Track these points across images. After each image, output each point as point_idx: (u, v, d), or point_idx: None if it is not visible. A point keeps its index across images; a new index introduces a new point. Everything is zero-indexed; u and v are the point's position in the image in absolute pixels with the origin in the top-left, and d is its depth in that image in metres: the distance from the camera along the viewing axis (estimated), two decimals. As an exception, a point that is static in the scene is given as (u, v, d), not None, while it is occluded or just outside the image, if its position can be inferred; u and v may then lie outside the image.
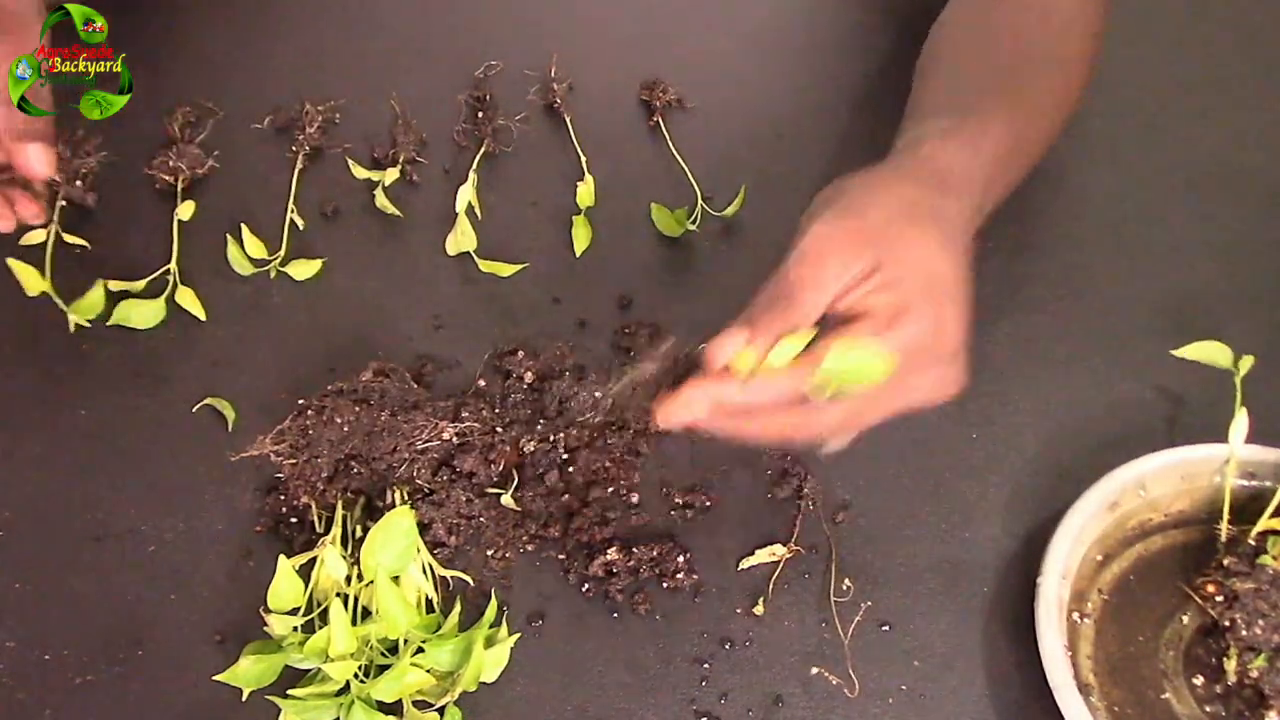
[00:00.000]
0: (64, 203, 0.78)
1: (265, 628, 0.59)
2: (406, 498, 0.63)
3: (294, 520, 0.66)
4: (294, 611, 0.60)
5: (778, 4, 0.96)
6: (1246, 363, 0.62)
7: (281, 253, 0.77)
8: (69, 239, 0.76)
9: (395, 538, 0.59)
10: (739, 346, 0.54)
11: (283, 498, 0.66)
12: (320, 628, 0.58)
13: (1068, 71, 0.72)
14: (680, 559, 0.64)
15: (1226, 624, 0.59)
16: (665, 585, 0.63)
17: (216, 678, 0.58)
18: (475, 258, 0.77)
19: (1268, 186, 0.83)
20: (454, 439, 0.65)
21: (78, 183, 0.79)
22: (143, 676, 0.61)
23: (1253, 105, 0.88)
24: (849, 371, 0.52)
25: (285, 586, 0.59)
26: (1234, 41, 0.93)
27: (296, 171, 0.81)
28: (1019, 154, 0.66)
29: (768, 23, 0.94)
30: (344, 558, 0.61)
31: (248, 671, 0.58)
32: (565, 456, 0.66)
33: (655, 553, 0.64)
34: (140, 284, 0.75)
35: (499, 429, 0.67)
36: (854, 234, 0.55)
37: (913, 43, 0.91)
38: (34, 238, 0.75)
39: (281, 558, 0.59)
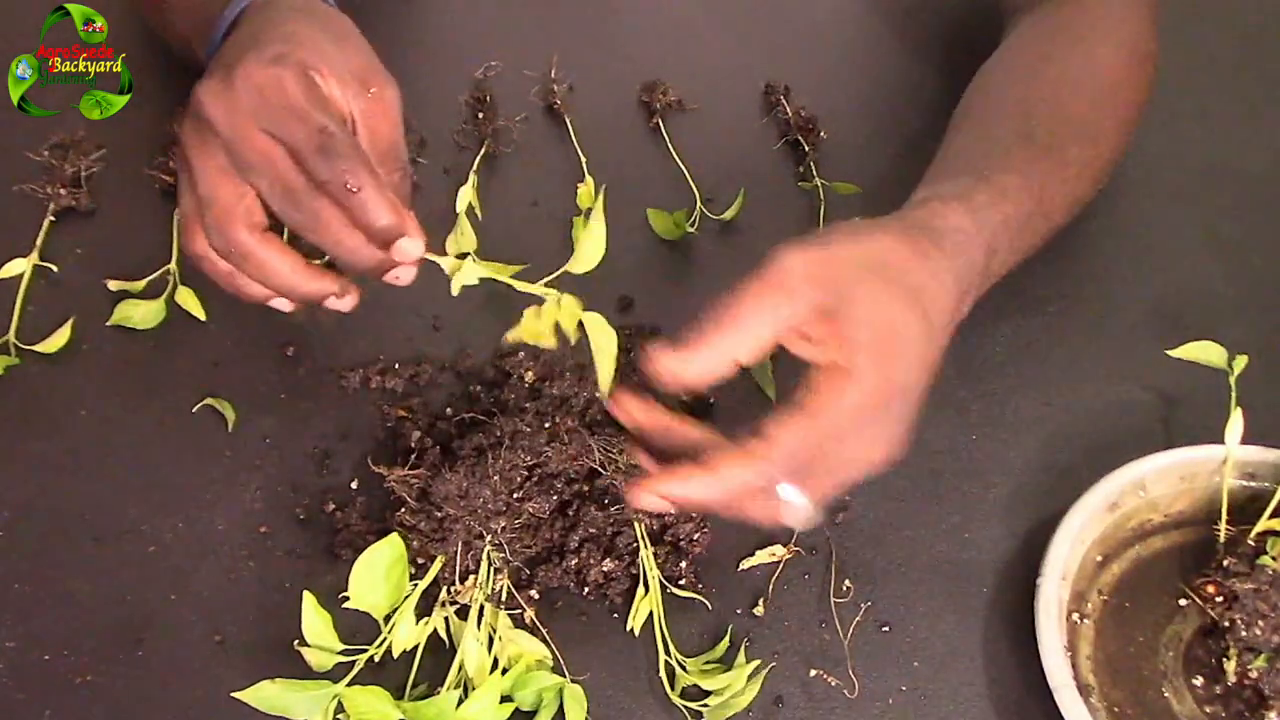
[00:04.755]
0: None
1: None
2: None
3: (302, 518, 0.66)
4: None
5: (778, 6, 0.96)
6: (1240, 362, 0.62)
7: (282, 253, 0.77)
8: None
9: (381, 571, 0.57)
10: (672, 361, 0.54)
11: (293, 494, 0.66)
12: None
13: (1099, 143, 0.70)
14: (681, 562, 0.64)
15: (1226, 625, 0.59)
16: (665, 586, 0.63)
17: (237, 694, 0.55)
18: (475, 258, 0.77)
19: (1266, 187, 0.83)
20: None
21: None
22: (143, 676, 0.61)
23: (1252, 106, 0.88)
24: None
25: (316, 622, 0.57)
26: (1234, 42, 0.93)
27: (296, 172, 0.81)
28: (1034, 219, 0.65)
29: (768, 24, 0.94)
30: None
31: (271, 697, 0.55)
32: (567, 462, 0.66)
33: (655, 554, 0.63)
34: (140, 284, 0.75)
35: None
36: (815, 269, 0.53)
37: (914, 47, 0.92)
38: (13, 269, 0.76)
39: (307, 594, 0.57)
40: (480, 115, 0.85)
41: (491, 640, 0.60)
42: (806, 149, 0.83)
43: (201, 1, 0.68)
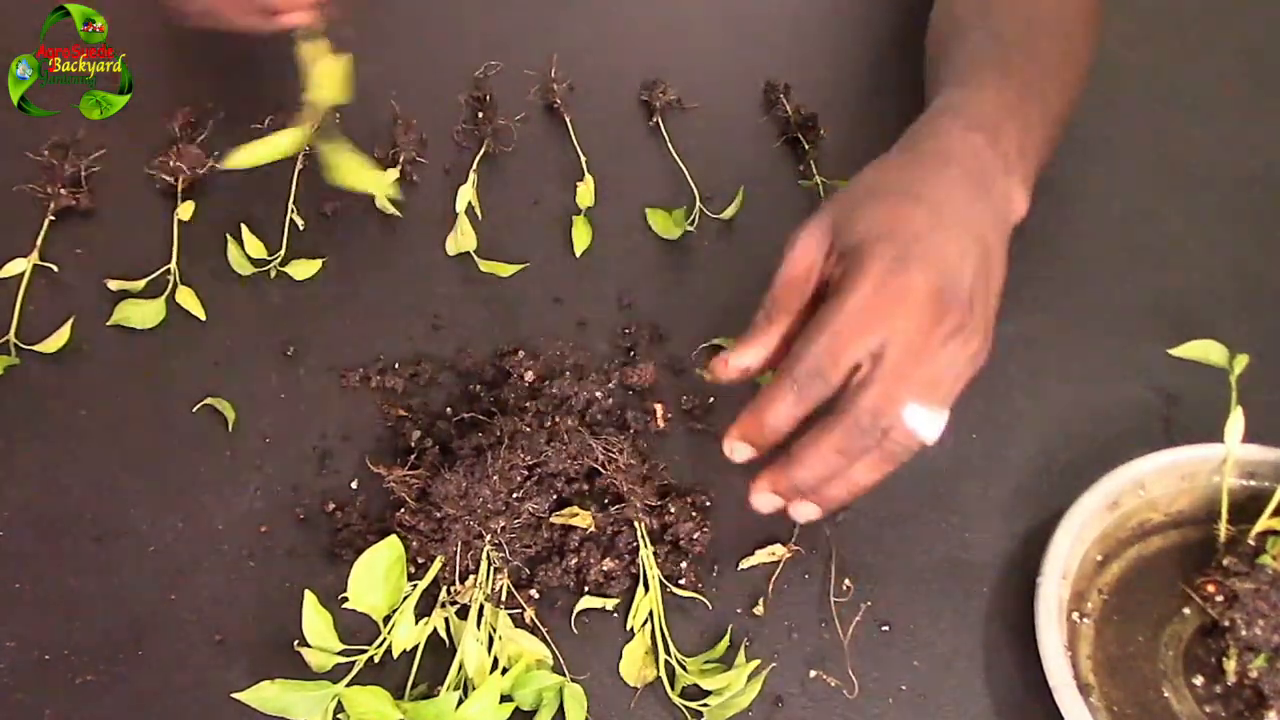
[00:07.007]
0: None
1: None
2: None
3: (302, 518, 0.66)
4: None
5: (778, 6, 0.96)
6: (1241, 361, 0.62)
7: (281, 253, 0.77)
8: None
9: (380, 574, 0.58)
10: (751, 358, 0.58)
11: (293, 494, 0.66)
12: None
13: (1071, 39, 0.72)
14: (681, 562, 0.64)
15: (1226, 624, 0.59)
16: (665, 586, 0.63)
17: (237, 695, 0.55)
18: (475, 258, 0.77)
19: (1267, 187, 0.83)
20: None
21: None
22: (143, 676, 0.61)
23: (1252, 106, 0.88)
24: None
25: (317, 622, 0.57)
26: (1233, 42, 0.93)
27: (296, 171, 0.81)
28: (1030, 101, 0.65)
29: (768, 23, 0.94)
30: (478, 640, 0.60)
31: (271, 698, 0.55)
32: (567, 462, 0.66)
33: (655, 554, 0.63)
34: (140, 284, 0.75)
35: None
36: (816, 224, 0.58)
37: (914, 47, 0.91)
38: (13, 269, 0.76)
39: (308, 593, 0.57)
40: (480, 115, 0.85)
41: (491, 640, 0.60)
42: (806, 147, 0.83)
43: None
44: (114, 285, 0.75)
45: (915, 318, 0.54)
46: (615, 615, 0.63)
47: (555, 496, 0.64)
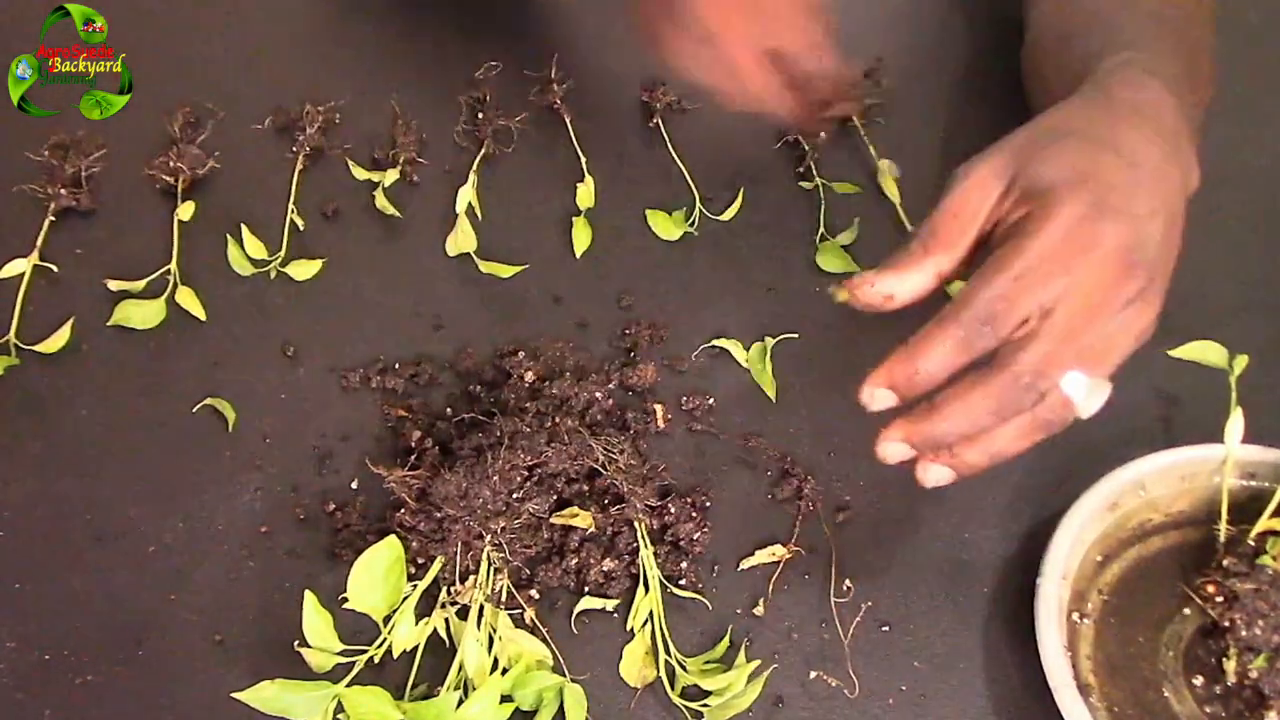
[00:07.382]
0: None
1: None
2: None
3: (302, 518, 0.66)
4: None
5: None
6: (1241, 362, 0.62)
7: (281, 253, 0.77)
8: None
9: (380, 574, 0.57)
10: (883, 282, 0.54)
11: (293, 494, 0.66)
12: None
13: (1208, 34, 0.71)
14: (681, 562, 0.64)
15: (1226, 624, 0.59)
16: (665, 586, 0.63)
17: (237, 695, 0.55)
18: (475, 258, 0.77)
19: (1267, 187, 0.83)
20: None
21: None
22: (143, 676, 0.61)
23: (1252, 106, 0.88)
24: None
25: (317, 622, 0.57)
26: (1233, 42, 0.93)
27: (296, 172, 0.81)
28: (1193, 79, 0.64)
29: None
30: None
31: (271, 698, 0.55)
32: (567, 462, 0.66)
33: (655, 554, 0.64)
34: (140, 284, 0.75)
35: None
36: (996, 163, 0.55)
37: (913, 47, 0.91)
38: (13, 269, 0.76)
39: (308, 593, 0.57)
40: (480, 115, 0.85)
41: (491, 640, 0.60)
42: (806, 148, 0.83)
43: None
44: (114, 285, 0.75)
45: (1099, 272, 0.51)
46: (615, 615, 0.63)
47: (555, 497, 0.64)
